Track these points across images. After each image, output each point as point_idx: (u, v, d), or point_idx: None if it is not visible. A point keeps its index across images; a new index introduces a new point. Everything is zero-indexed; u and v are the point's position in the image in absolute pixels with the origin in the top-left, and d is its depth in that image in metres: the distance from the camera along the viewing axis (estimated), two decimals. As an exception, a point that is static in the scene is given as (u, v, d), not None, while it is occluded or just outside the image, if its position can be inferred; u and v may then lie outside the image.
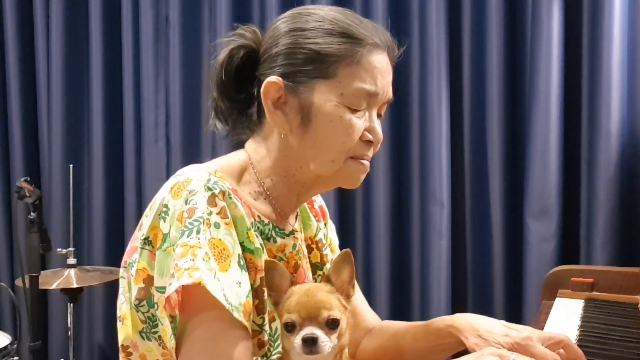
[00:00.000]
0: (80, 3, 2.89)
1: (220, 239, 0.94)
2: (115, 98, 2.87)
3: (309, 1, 2.53)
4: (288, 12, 1.10)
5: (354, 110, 1.03)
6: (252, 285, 0.98)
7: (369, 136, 1.05)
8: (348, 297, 0.99)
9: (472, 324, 1.12)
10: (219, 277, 0.92)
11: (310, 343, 0.90)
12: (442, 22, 2.37)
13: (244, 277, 0.96)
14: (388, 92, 1.07)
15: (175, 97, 2.74)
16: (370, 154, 1.08)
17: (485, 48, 2.34)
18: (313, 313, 0.92)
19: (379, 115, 1.09)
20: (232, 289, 0.93)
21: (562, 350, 1.08)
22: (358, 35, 1.03)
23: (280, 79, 1.03)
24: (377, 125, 1.07)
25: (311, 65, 1.02)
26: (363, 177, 1.09)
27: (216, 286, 0.91)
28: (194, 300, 0.92)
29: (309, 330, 0.91)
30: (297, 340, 0.92)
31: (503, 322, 1.13)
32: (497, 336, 1.09)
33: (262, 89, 1.04)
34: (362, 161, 1.06)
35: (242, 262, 0.97)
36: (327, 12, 1.06)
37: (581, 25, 2.23)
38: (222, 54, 1.08)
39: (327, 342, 0.91)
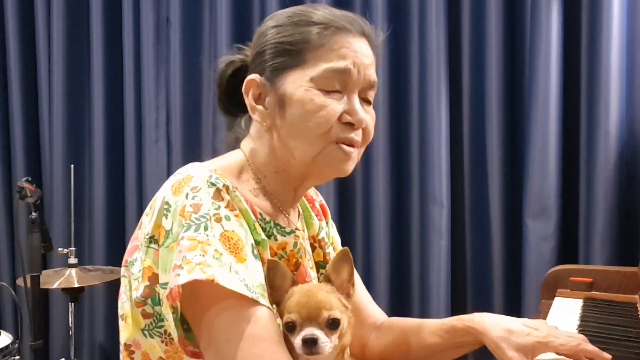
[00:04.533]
0: (81, 4, 2.89)
1: (233, 230, 0.95)
2: (116, 98, 2.87)
3: (309, 0, 2.53)
4: (270, 15, 1.14)
5: (327, 92, 1.03)
6: None
7: (348, 118, 1.04)
8: (348, 295, 1.00)
9: (490, 324, 1.13)
10: (237, 269, 0.92)
11: (310, 344, 0.91)
12: (442, 22, 2.38)
13: (259, 266, 0.97)
14: (367, 75, 1.06)
15: (175, 98, 2.75)
16: (355, 137, 1.06)
17: (485, 48, 2.35)
18: (313, 313, 0.93)
19: (368, 102, 1.09)
20: (254, 276, 0.94)
21: None
22: (322, 21, 1.05)
23: (257, 75, 1.06)
24: (358, 107, 1.05)
25: (281, 57, 1.05)
26: (349, 165, 1.07)
27: (233, 279, 0.91)
28: (205, 296, 0.92)
29: (309, 331, 0.92)
30: (298, 340, 0.92)
31: (522, 320, 1.14)
32: (518, 336, 1.10)
33: (243, 88, 1.07)
34: (345, 147, 1.05)
35: (255, 252, 0.98)
36: (298, 7, 1.11)
37: (580, 26, 2.23)
38: (219, 70, 1.14)
39: (327, 342, 0.92)
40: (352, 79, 1.05)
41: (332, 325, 0.93)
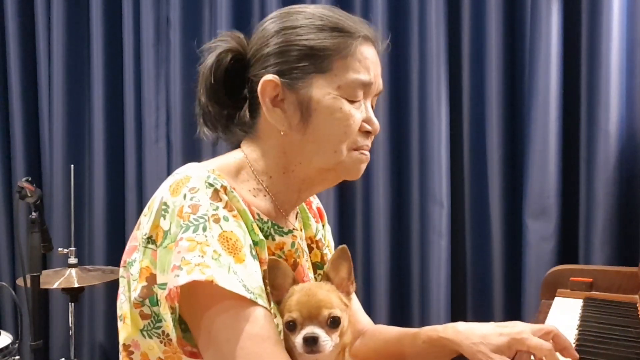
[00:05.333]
0: (81, 4, 2.90)
1: (232, 231, 0.95)
2: (116, 98, 2.87)
3: (309, 1, 2.53)
4: (275, 13, 1.11)
5: (351, 102, 1.05)
6: None
7: (367, 127, 1.08)
8: (348, 293, 1.00)
9: (464, 333, 1.13)
10: (235, 270, 0.92)
11: (311, 342, 0.91)
12: (442, 22, 2.38)
13: (258, 266, 0.97)
14: (379, 84, 1.10)
15: (175, 98, 2.75)
16: (369, 143, 1.10)
17: (485, 49, 2.35)
18: (314, 312, 0.93)
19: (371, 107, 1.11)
20: (253, 277, 0.94)
21: (551, 341, 1.10)
22: (349, 29, 1.06)
23: (276, 76, 1.04)
24: (374, 116, 1.09)
25: (306, 61, 1.04)
26: (364, 167, 1.11)
27: (232, 280, 0.91)
28: (204, 297, 0.93)
29: (309, 330, 0.92)
30: (298, 339, 0.92)
31: (493, 323, 1.15)
32: (492, 338, 1.10)
33: (259, 88, 1.05)
34: (363, 154, 1.09)
35: (253, 252, 0.98)
36: (315, 9, 1.09)
37: (580, 26, 2.23)
38: (210, 59, 1.10)
39: (327, 341, 0.92)
40: (371, 90, 1.08)
41: (333, 323, 0.93)
